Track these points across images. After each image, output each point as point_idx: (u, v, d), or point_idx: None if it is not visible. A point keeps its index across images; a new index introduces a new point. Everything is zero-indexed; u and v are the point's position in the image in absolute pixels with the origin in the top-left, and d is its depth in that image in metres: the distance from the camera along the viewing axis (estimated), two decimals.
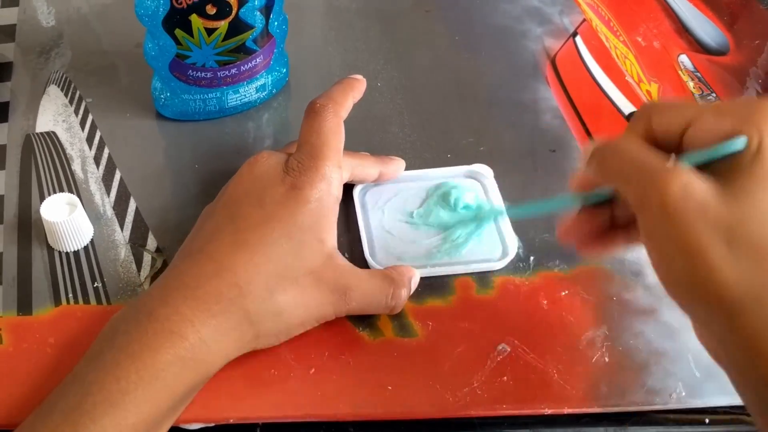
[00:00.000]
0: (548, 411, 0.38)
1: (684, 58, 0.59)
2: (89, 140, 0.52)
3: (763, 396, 0.29)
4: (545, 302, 0.43)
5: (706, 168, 0.31)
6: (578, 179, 0.37)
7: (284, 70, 0.56)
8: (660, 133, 0.33)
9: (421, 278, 0.43)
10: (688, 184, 0.30)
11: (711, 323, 0.31)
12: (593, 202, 0.37)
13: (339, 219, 0.45)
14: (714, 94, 0.56)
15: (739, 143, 0.30)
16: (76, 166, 0.50)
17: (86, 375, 0.34)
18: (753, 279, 0.29)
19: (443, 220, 0.46)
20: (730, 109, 0.31)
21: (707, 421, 0.39)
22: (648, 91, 0.57)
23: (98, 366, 0.34)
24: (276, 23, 0.51)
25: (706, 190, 0.30)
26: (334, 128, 0.42)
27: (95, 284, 0.43)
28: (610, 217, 0.37)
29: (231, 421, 0.38)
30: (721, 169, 0.30)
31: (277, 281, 0.38)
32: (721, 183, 0.30)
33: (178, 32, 0.47)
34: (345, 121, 0.43)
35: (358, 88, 0.45)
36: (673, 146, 0.33)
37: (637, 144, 0.33)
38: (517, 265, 0.44)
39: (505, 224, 0.46)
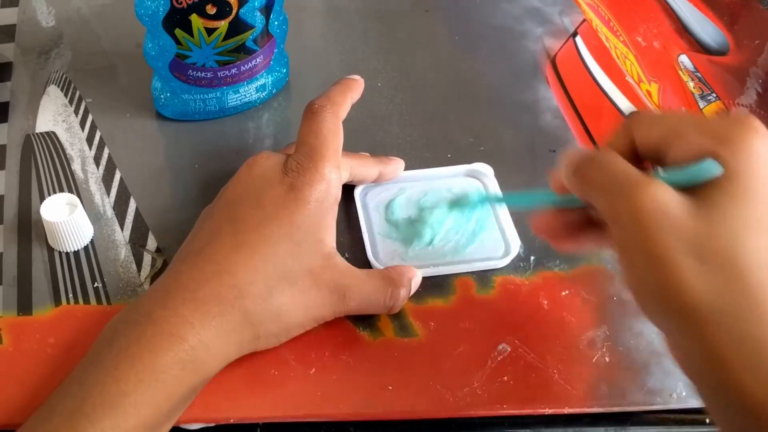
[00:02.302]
0: (548, 411, 0.38)
1: (684, 58, 0.59)
2: (89, 140, 0.52)
3: (727, 406, 0.29)
4: (546, 302, 0.43)
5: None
6: (556, 180, 0.37)
7: (284, 70, 0.56)
8: (641, 146, 0.33)
9: (422, 278, 0.43)
10: (661, 198, 0.30)
11: (679, 335, 0.31)
12: (568, 206, 0.37)
13: (340, 219, 0.45)
14: (714, 94, 0.56)
15: (714, 169, 0.30)
16: (76, 166, 0.50)
17: (85, 377, 0.34)
18: (721, 292, 0.29)
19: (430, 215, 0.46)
20: (708, 127, 0.31)
21: (707, 421, 0.39)
22: (648, 91, 0.57)
23: (97, 368, 0.34)
24: (276, 23, 0.51)
25: (679, 204, 0.30)
26: (333, 129, 0.41)
27: (95, 284, 0.43)
28: (586, 215, 0.37)
29: (231, 421, 0.38)
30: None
31: (277, 282, 0.38)
32: (693, 198, 0.30)
33: (178, 32, 0.47)
34: (345, 122, 0.43)
35: (356, 88, 0.45)
36: (654, 159, 0.33)
37: (613, 156, 0.33)
38: (518, 265, 0.44)
39: (507, 222, 0.46)
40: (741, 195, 0.30)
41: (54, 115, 0.54)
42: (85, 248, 0.45)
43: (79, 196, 0.48)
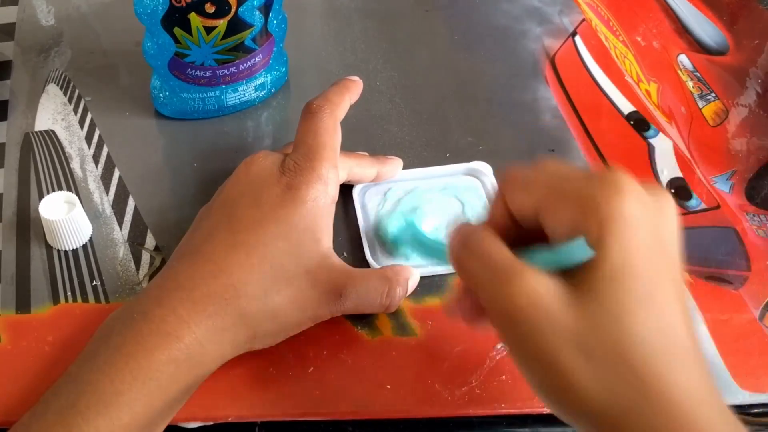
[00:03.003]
0: (547, 410, 0.38)
1: (683, 58, 0.59)
2: (88, 139, 0.52)
3: None
4: None
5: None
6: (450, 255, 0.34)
7: (283, 69, 0.56)
8: (517, 216, 0.32)
9: (420, 277, 0.43)
10: (534, 291, 0.28)
11: (583, 431, 0.29)
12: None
13: (339, 219, 0.45)
14: (713, 94, 0.56)
15: (584, 252, 0.28)
16: (75, 165, 0.50)
17: (80, 375, 0.34)
18: (616, 391, 0.27)
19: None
20: (570, 193, 0.29)
21: None
22: (647, 91, 0.57)
23: (92, 366, 0.34)
24: (275, 22, 0.51)
25: (553, 295, 0.28)
26: (331, 129, 0.42)
27: (94, 283, 0.43)
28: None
29: (230, 419, 0.38)
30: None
31: (273, 282, 0.38)
32: (569, 284, 0.28)
33: (177, 31, 0.47)
34: (344, 121, 0.43)
35: (354, 89, 0.45)
36: (533, 226, 0.31)
37: (487, 240, 0.31)
38: None
39: None
40: (616, 275, 0.28)
41: (53, 114, 0.54)
42: (84, 247, 0.45)
43: (77, 194, 0.48)
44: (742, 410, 0.39)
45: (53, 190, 0.48)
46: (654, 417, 0.27)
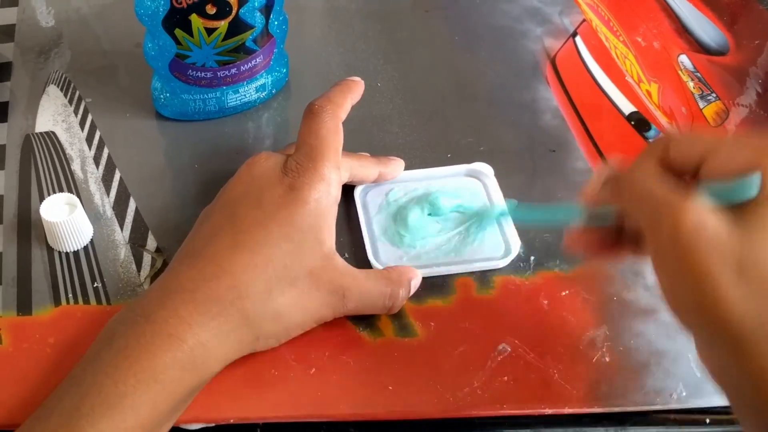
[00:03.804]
0: (549, 411, 0.38)
1: (684, 58, 0.59)
2: (89, 140, 0.52)
3: (766, 424, 0.29)
4: (546, 302, 0.43)
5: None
6: (588, 195, 0.37)
7: (284, 70, 0.56)
8: (677, 162, 0.33)
9: (422, 278, 0.43)
10: (701, 220, 0.30)
11: (716, 348, 0.31)
12: (599, 224, 0.37)
13: (341, 219, 0.45)
14: (714, 94, 0.56)
15: (754, 187, 0.30)
16: (76, 166, 0.50)
17: (84, 378, 0.34)
18: (761, 312, 0.29)
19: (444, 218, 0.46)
20: (747, 143, 0.31)
21: (708, 421, 0.39)
22: (648, 91, 0.57)
23: (96, 369, 0.34)
24: (276, 23, 0.51)
25: (719, 224, 0.30)
26: (333, 129, 0.42)
27: (95, 284, 0.43)
28: (619, 228, 0.37)
29: (231, 421, 0.38)
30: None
31: (276, 283, 0.38)
32: (733, 216, 0.30)
33: (177, 32, 0.47)
34: (345, 122, 0.43)
35: (356, 89, 0.45)
36: (688, 174, 0.33)
37: (652, 173, 0.33)
38: (518, 265, 0.44)
39: (507, 221, 0.46)
40: None
41: (53, 115, 0.54)
42: (85, 248, 0.45)
43: (78, 196, 0.48)
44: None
45: (54, 192, 0.48)
46: None
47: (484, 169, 0.49)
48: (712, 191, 0.31)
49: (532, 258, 0.45)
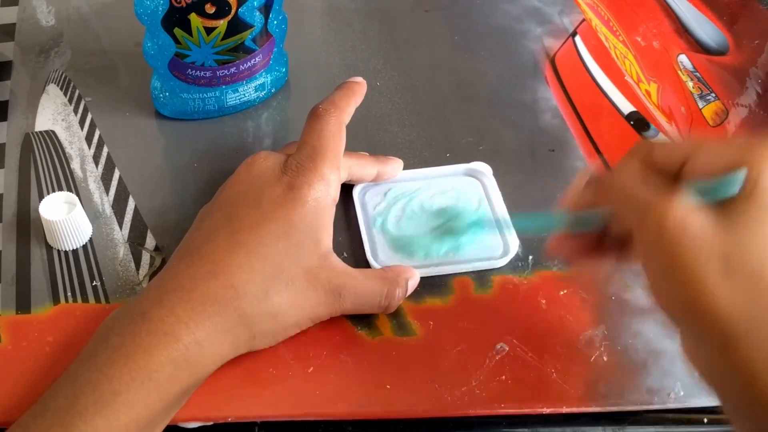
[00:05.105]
0: (546, 410, 0.38)
1: (683, 58, 0.59)
2: (88, 139, 0.52)
3: (753, 415, 0.29)
4: (544, 302, 0.43)
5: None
6: (570, 199, 0.37)
7: (283, 69, 0.56)
8: (661, 163, 0.33)
9: (420, 278, 0.43)
10: (686, 218, 0.31)
11: (703, 344, 0.31)
12: (584, 229, 0.37)
13: (339, 219, 0.45)
14: (713, 94, 0.56)
15: (737, 184, 0.30)
16: (75, 165, 0.50)
17: (79, 375, 0.34)
18: (747, 306, 0.29)
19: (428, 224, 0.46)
20: (730, 143, 0.32)
21: (705, 420, 0.39)
22: (647, 91, 0.57)
23: (91, 366, 0.34)
24: (275, 22, 0.51)
25: (703, 221, 0.30)
26: (335, 131, 0.42)
27: (94, 283, 0.43)
28: (601, 233, 0.37)
29: (229, 419, 0.38)
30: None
31: (273, 282, 0.38)
32: (718, 214, 0.31)
33: (177, 31, 0.47)
34: None
35: (359, 92, 0.45)
36: (672, 175, 0.33)
37: (636, 174, 0.33)
38: (516, 264, 0.44)
39: (506, 221, 0.46)
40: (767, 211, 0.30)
41: (53, 114, 0.54)
42: (84, 247, 0.45)
43: (78, 194, 0.48)
44: None
45: (53, 191, 0.48)
46: None
47: (483, 168, 0.49)
48: (696, 190, 0.31)
49: (531, 257, 0.45)
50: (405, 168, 0.49)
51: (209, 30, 0.48)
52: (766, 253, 0.30)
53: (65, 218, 0.43)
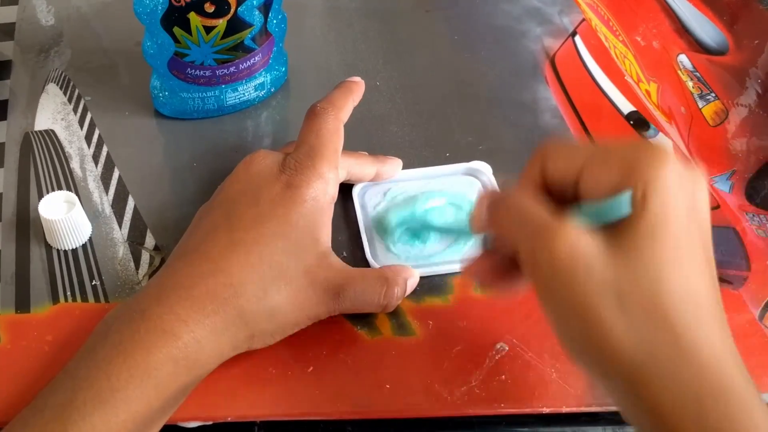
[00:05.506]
0: (546, 410, 0.38)
1: (683, 58, 0.59)
2: (88, 138, 0.52)
3: None
4: None
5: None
6: (474, 220, 0.35)
7: (283, 68, 0.56)
8: (555, 181, 0.32)
9: (420, 277, 0.43)
10: (575, 244, 0.29)
11: (610, 385, 0.30)
12: (491, 250, 0.35)
13: (338, 218, 0.45)
14: (713, 94, 0.56)
15: (625, 207, 0.29)
16: (75, 164, 0.50)
17: (78, 371, 0.34)
18: (649, 341, 0.28)
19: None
20: (615, 157, 0.30)
21: None
22: (647, 91, 0.57)
23: (90, 363, 0.34)
24: (275, 21, 0.51)
25: (594, 249, 0.29)
26: (334, 130, 0.42)
27: (93, 282, 0.43)
28: (514, 256, 0.34)
29: (229, 419, 0.38)
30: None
31: (272, 281, 0.38)
32: (608, 239, 0.29)
33: (176, 30, 0.47)
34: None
35: (357, 91, 0.45)
36: (569, 193, 0.32)
37: (528, 197, 0.32)
38: None
39: None
40: (656, 232, 0.28)
41: (53, 113, 0.54)
42: (84, 246, 0.45)
43: (77, 194, 0.48)
44: None
45: (53, 190, 0.48)
46: (684, 368, 0.28)
47: (483, 168, 0.49)
48: (586, 211, 0.30)
49: None
50: (405, 167, 0.49)
51: (209, 29, 0.48)
52: (659, 280, 0.28)
53: (65, 217, 0.43)
